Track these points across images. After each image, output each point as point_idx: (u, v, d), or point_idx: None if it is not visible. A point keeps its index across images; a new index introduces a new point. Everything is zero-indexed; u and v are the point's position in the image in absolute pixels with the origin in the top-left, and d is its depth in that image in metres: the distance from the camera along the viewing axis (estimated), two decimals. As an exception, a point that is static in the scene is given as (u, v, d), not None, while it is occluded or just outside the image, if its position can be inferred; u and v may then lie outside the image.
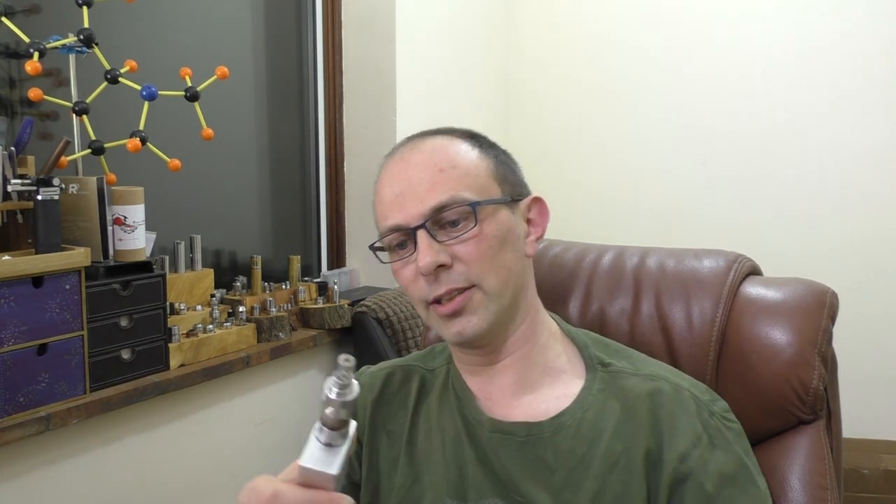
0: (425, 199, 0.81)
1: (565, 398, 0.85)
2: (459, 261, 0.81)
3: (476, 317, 0.82)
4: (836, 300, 0.97)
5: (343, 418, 0.57)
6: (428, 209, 0.81)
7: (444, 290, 0.81)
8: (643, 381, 0.85)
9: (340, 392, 0.57)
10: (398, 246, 0.85)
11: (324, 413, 0.57)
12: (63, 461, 1.44)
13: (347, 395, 0.57)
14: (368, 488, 0.90)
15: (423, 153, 0.85)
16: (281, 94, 2.20)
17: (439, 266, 0.80)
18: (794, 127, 2.46)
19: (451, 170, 0.83)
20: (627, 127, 2.67)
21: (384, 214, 0.85)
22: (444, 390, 0.91)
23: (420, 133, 0.90)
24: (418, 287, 0.83)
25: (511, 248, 0.84)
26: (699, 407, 0.82)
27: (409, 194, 0.82)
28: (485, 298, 0.82)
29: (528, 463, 0.82)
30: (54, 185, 1.36)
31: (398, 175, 0.84)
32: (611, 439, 0.81)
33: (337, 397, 0.57)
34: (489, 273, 0.82)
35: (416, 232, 0.81)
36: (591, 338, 0.92)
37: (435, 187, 0.82)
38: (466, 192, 0.82)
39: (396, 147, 0.89)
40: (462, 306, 0.81)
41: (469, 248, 0.81)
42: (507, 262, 0.83)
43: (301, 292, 2.02)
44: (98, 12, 1.51)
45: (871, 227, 2.40)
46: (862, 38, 2.37)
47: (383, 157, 0.90)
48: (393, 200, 0.83)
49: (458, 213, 0.81)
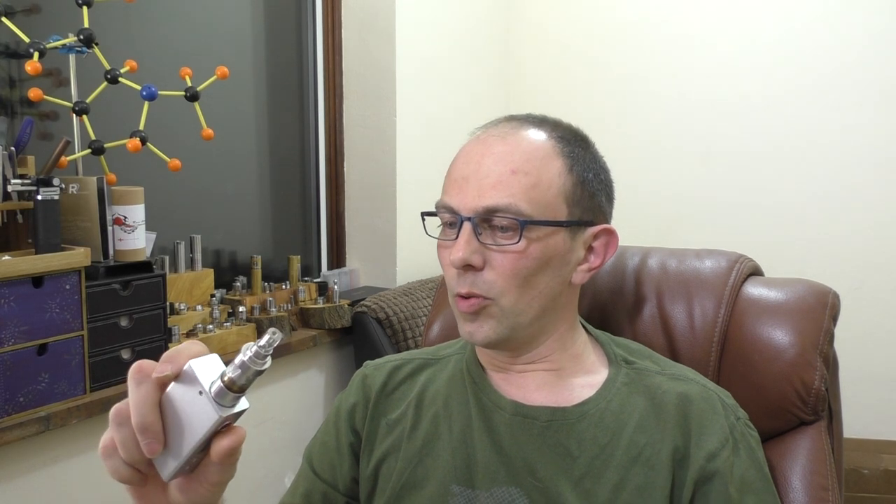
0: (483, 195, 0.79)
1: (589, 387, 0.85)
2: (492, 268, 0.80)
3: (486, 326, 0.81)
4: (837, 301, 0.97)
5: (243, 384, 0.56)
6: (481, 207, 0.79)
7: (466, 291, 0.80)
8: (670, 381, 0.85)
9: (255, 360, 0.56)
10: (448, 225, 0.84)
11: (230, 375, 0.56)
12: (63, 461, 1.44)
13: (261, 365, 0.56)
14: (368, 478, 0.90)
15: (505, 145, 0.81)
16: (281, 94, 2.19)
17: (469, 265, 0.79)
18: (795, 127, 2.46)
19: (522, 175, 0.79)
20: (628, 127, 2.67)
21: (446, 189, 0.84)
22: (456, 376, 0.91)
23: (522, 116, 0.87)
24: (450, 274, 0.82)
25: (552, 272, 0.81)
26: (726, 410, 0.83)
27: (472, 182, 0.80)
28: (499, 313, 0.80)
29: (550, 448, 0.82)
30: (54, 185, 1.35)
31: (473, 158, 0.82)
32: (634, 432, 0.81)
33: (250, 363, 0.56)
34: (514, 292, 0.80)
35: (463, 223, 0.80)
36: (611, 338, 0.92)
37: (498, 186, 0.79)
38: (525, 205, 0.78)
39: (490, 124, 0.86)
40: (476, 311, 0.81)
41: (506, 261, 0.79)
42: (538, 285, 0.81)
43: (301, 292, 2.02)
44: (98, 12, 1.51)
45: (871, 228, 2.40)
46: (864, 40, 2.37)
47: (475, 128, 0.87)
48: (457, 181, 0.82)
49: (507, 222, 0.79)
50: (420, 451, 0.87)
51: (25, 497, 1.38)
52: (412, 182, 2.29)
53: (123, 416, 0.57)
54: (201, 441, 0.57)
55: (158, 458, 0.58)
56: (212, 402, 0.56)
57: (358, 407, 0.93)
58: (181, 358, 0.57)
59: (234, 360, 0.56)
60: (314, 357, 2.03)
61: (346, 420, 0.93)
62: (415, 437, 0.88)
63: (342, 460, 0.92)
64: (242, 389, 0.56)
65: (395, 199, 2.26)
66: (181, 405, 0.57)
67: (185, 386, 0.57)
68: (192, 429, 0.57)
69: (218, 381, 0.56)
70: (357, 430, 0.92)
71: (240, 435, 0.58)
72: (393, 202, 2.26)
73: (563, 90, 2.75)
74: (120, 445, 0.57)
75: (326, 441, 0.94)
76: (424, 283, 2.20)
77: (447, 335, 1.11)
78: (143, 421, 0.56)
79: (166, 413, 0.58)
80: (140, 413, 0.56)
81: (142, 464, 0.58)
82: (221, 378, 0.56)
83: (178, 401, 0.57)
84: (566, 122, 0.88)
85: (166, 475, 0.59)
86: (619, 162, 2.93)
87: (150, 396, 0.57)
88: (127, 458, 0.58)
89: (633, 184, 2.64)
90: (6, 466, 1.34)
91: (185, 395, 0.57)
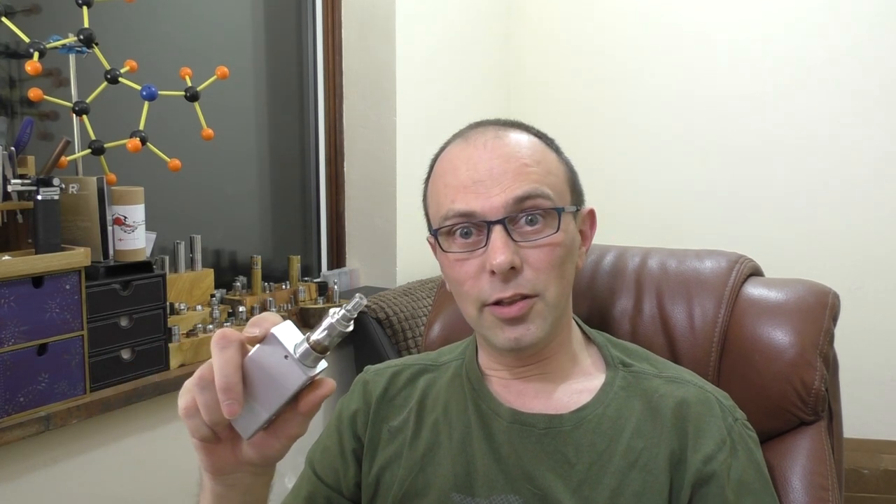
0: (509, 188, 0.78)
1: (586, 393, 0.85)
2: (529, 266, 0.78)
3: (534, 326, 0.80)
4: (837, 301, 0.97)
5: (326, 345, 0.60)
6: (511, 198, 0.77)
7: (511, 293, 0.78)
8: (667, 384, 0.85)
9: (343, 323, 0.60)
10: (462, 235, 0.80)
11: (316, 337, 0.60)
12: (63, 461, 1.44)
13: (345, 327, 0.60)
14: (369, 485, 0.90)
15: (507, 145, 0.81)
16: (281, 94, 2.19)
17: (512, 268, 0.77)
18: (795, 127, 2.46)
19: (535, 165, 0.80)
20: (628, 127, 2.67)
21: (452, 197, 0.80)
22: (455, 382, 0.91)
23: (494, 122, 0.86)
24: (479, 285, 0.79)
25: (571, 259, 0.83)
26: (724, 412, 0.83)
27: (490, 183, 0.78)
28: (545, 309, 0.80)
29: (548, 456, 0.82)
30: (54, 185, 1.35)
31: (480, 162, 0.80)
32: (631, 437, 0.81)
33: (338, 325, 0.60)
34: (554, 284, 0.80)
35: (493, 226, 0.78)
36: (608, 339, 0.92)
37: (519, 178, 0.78)
38: (549, 190, 0.79)
39: (468, 132, 0.85)
40: (524, 313, 0.79)
41: (542, 254, 0.78)
42: (567, 274, 0.82)
43: (301, 292, 2.02)
44: (98, 12, 1.51)
45: (872, 228, 2.39)
46: (863, 41, 2.37)
47: (451, 137, 0.87)
48: (470, 186, 0.79)
49: (539, 209, 0.78)
50: (421, 459, 0.87)
51: (25, 497, 1.38)
52: (412, 182, 2.27)
53: (207, 379, 0.60)
54: (288, 399, 0.61)
55: (238, 419, 0.62)
56: (298, 363, 0.60)
57: (359, 413, 0.92)
58: (266, 324, 0.61)
59: (321, 324, 0.60)
60: (314, 357, 2.03)
61: (349, 426, 0.92)
62: (416, 445, 0.88)
63: (346, 466, 0.92)
64: (325, 350, 0.61)
65: (395, 199, 2.26)
66: (266, 368, 0.61)
67: (270, 349, 0.61)
68: (278, 389, 0.61)
69: (304, 343, 0.60)
70: (359, 436, 0.92)
71: (330, 386, 0.63)
72: (393, 202, 2.26)
73: (563, 91, 2.75)
74: (202, 407, 0.61)
75: (329, 446, 0.94)
76: (424, 283, 2.20)
77: (448, 336, 1.11)
78: (227, 382, 0.59)
79: (249, 376, 0.61)
80: (224, 375, 0.59)
81: (221, 424, 0.62)
82: (307, 340, 0.60)
83: (264, 364, 0.61)
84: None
85: (248, 433, 0.63)
86: (620, 162, 2.94)
87: (234, 360, 0.60)
88: (209, 420, 0.61)
89: (634, 183, 2.66)
90: (6, 466, 1.34)
91: (270, 359, 0.61)
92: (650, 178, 2.64)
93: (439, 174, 0.84)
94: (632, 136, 2.66)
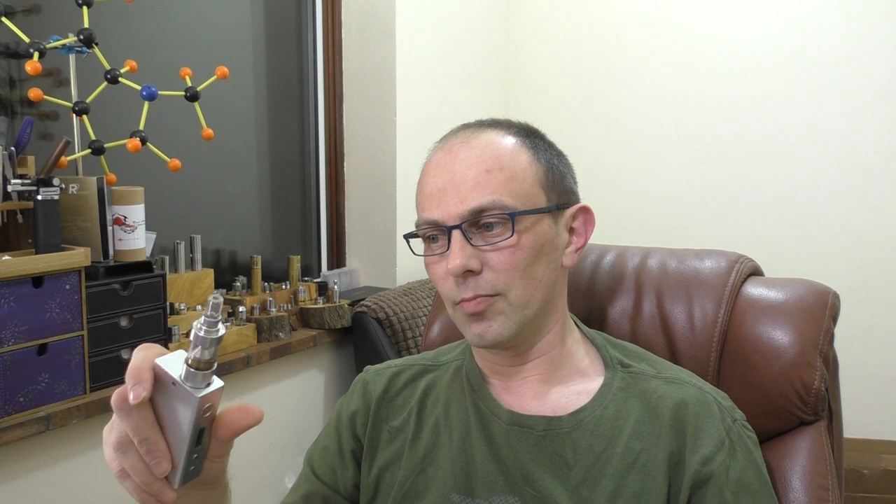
0: (466, 198, 0.80)
1: (585, 394, 0.85)
2: (489, 268, 0.80)
3: (496, 323, 0.81)
4: (837, 301, 0.97)
5: (208, 358, 0.57)
6: (466, 210, 0.79)
7: (471, 294, 0.80)
8: (665, 384, 0.85)
9: (208, 330, 0.57)
10: (431, 239, 0.84)
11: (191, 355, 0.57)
12: (63, 461, 1.44)
13: (214, 333, 0.57)
14: (369, 485, 0.90)
15: (472, 149, 0.82)
16: (281, 95, 2.19)
17: (468, 271, 0.79)
18: (795, 127, 2.46)
19: (497, 172, 0.81)
20: (628, 127, 2.67)
21: (423, 205, 0.84)
22: (456, 382, 0.91)
23: (475, 123, 0.88)
24: (447, 286, 0.82)
25: (546, 259, 0.83)
26: (722, 412, 0.83)
27: (450, 190, 0.81)
28: (508, 307, 0.81)
29: (546, 458, 0.82)
30: (54, 185, 1.36)
31: (443, 168, 0.83)
32: (629, 438, 0.81)
33: (205, 335, 0.57)
34: (517, 284, 0.80)
35: (452, 231, 0.80)
36: (607, 339, 0.92)
37: (477, 188, 0.80)
38: (508, 199, 0.80)
39: (448, 135, 0.87)
40: (483, 309, 0.80)
41: (502, 257, 0.80)
42: (537, 274, 0.82)
43: (301, 292, 2.02)
44: (98, 12, 1.51)
45: (872, 228, 2.39)
46: (862, 41, 2.37)
47: (434, 143, 0.88)
48: (433, 194, 0.82)
49: (496, 218, 0.80)
50: (422, 460, 0.87)
51: (25, 497, 1.38)
52: (412, 182, 2.27)
53: (125, 443, 0.58)
54: (192, 431, 0.57)
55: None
56: (185, 388, 0.56)
57: (358, 414, 0.93)
58: (144, 370, 0.57)
59: (192, 342, 0.57)
60: (314, 357, 2.04)
61: (348, 427, 0.93)
62: (417, 446, 0.88)
63: (344, 466, 0.92)
64: (210, 364, 0.57)
65: (395, 199, 2.26)
66: (164, 409, 0.58)
67: (161, 389, 0.58)
68: (182, 423, 0.57)
69: (183, 366, 0.57)
70: (358, 436, 0.92)
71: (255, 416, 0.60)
72: (393, 202, 2.26)
73: (563, 92, 2.75)
74: (131, 471, 0.59)
75: (328, 446, 0.94)
76: (424, 283, 2.20)
77: (447, 336, 1.11)
78: (149, 443, 0.57)
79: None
80: (144, 437, 0.57)
81: (154, 484, 0.59)
82: (186, 362, 0.57)
83: (160, 407, 0.58)
84: (515, 120, 0.90)
85: (177, 482, 0.60)
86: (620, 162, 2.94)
87: (148, 417, 0.58)
88: (141, 481, 0.59)
89: (634, 183, 2.66)
90: (6, 466, 1.34)
91: (163, 397, 0.58)
92: (650, 178, 2.64)
93: (420, 179, 0.87)
94: (632, 136, 2.66)
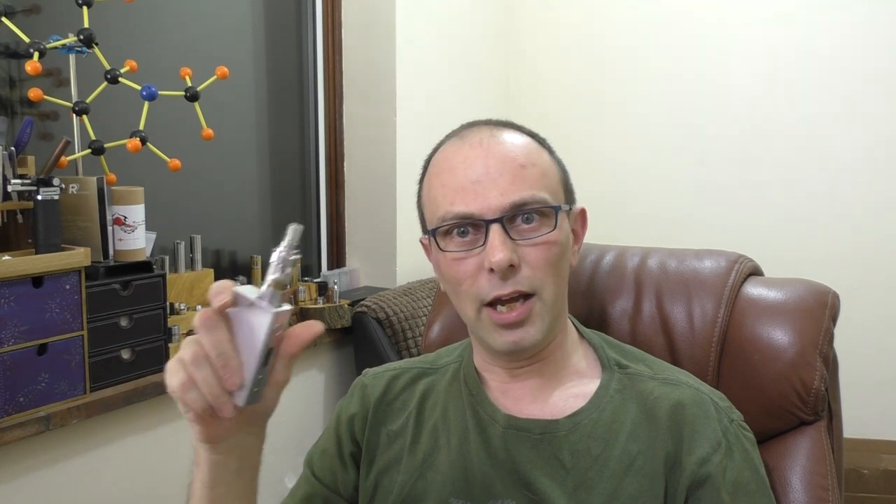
0: (507, 192, 0.78)
1: (581, 397, 0.85)
2: (527, 264, 0.78)
3: (534, 328, 0.80)
4: (837, 301, 0.97)
5: (285, 280, 0.63)
6: (508, 203, 0.78)
7: (510, 290, 0.78)
8: (662, 385, 0.85)
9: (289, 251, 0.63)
10: (459, 234, 0.80)
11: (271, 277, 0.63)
12: (63, 461, 1.44)
13: (294, 254, 0.63)
14: (367, 489, 0.90)
15: (503, 144, 0.81)
16: (281, 94, 2.19)
17: (511, 265, 0.77)
18: (794, 127, 2.46)
19: (531, 167, 0.80)
20: (627, 128, 2.67)
21: (451, 199, 0.80)
22: (454, 386, 0.90)
23: (486, 122, 0.86)
24: (477, 284, 0.79)
25: (566, 257, 0.83)
26: (719, 413, 0.82)
27: (488, 183, 0.78)
28: (543, 308, 0.80)
29: (543, 461, 0.81)
30: (54, 185, 1.36)
31: (476, 161, 0.80)
32: (627, 440, 0.81)
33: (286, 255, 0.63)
34: (551, 282, 0.80)
35: (491, 225, 0.78)
36: (604, 339, 0.92)
37: (516, 181, 0.79)
38: (545, 194, 0.80)
39: (462, 131, 0.86)
40: (525, 316, 0.79)
41: (539, 252, 0.79)
42: (563, 272, 0.82)
43: (301, 292, 2.02)
44: (98, 12, 1.51)
45: (871, 228, 2.39)
46: (861, 40, 2.37)
47: (444, 137, 0.87)
48: (466, 187, 0.79)
49: (538, 212, 0.79)
50: (421, 465, 0.87)
51: (25, 497, 1.38)
52: (412, 182, 2.27)
53: (201, 356, 0.62)
54: (263, 349, 0.62)
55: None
56: (262, 305, 0.62)
57: (357, 417, 0.92)
58: (226, 286, 0.63)
59: (271, 264, 0.63)
60: (314, 357, 2.03)
61: (347, 429, 0.92)
62: (416, 450, 0.88)
63: (344, 468, 0.92)
64: (284, 287, 0.63)
65: (395, 199, 2.26)
66: (239, 325, 0.63)
67: (238, 309, 0.63)
68: (254, 340, 0.63)
69: (264, 287, 0.63)
70: (357, 440, 0.92)
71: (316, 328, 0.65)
72: (393, 202, 2.26)
73: (563, 92, 2.75)
74: (202, 383, 0.62)
75: (327, 448, 0.93)
76: (424, 283, 2.20)
77: (447, 336, 1.10)
78: (226, 358, 0.62)
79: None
80: (221, 352, 0.62)
81: (221, 397, 0.63)
82: (268, 284, 0.63)
83: (238, 322, 0.63)
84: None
85: (241, 401, 0.64)
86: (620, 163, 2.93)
87: (226, 336, 0.62)
88: (209, 393, 0.62)
89: (634, 182, 2.65)
90: (6, 466, 1.34)
91: (240, 315, 0.63)
92: (650, 178, 2.64)
93: (435, 174, 0.84)
94: (632, 136, 2.66)
